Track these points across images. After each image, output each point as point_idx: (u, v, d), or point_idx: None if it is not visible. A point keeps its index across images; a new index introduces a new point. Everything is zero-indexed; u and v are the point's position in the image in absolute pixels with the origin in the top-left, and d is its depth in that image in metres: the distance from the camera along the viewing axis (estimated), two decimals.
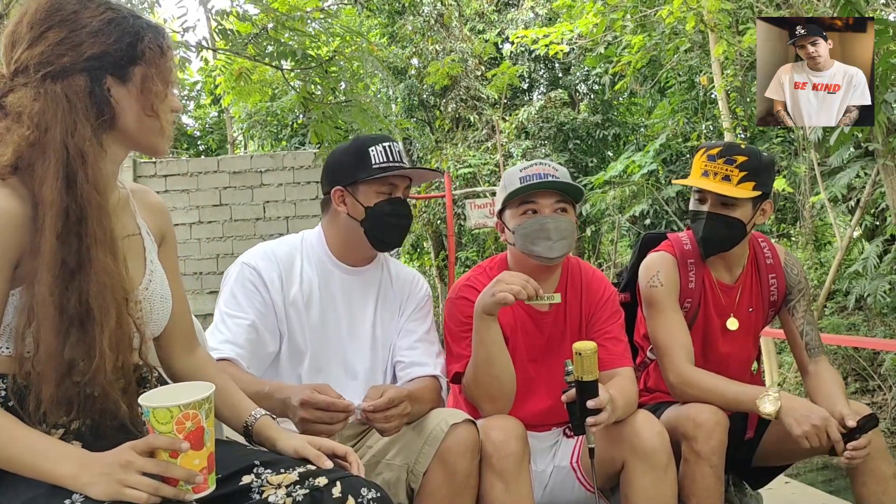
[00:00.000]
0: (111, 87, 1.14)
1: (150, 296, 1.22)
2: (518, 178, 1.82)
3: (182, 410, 1.05)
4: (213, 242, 6.76)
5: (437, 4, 12.01)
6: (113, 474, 1.02)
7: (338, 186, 1.76)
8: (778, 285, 2.01)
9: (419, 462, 1.57)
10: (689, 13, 6.98)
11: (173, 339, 1.34)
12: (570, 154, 11.99)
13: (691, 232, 2.00)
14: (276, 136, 13.06)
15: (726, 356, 1.98)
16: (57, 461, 1.04)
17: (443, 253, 11.58)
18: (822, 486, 3.95)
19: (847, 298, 7.69)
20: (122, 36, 1.14)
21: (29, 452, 1.05)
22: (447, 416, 1.60)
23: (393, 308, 1.84)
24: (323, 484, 1.16)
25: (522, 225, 1.81)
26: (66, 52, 1.10)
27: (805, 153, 8.29)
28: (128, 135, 1.17)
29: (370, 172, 1.72)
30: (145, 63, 1.15)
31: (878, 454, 1.78)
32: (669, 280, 1.93)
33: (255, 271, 1.73)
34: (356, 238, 1.77)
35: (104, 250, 1.09)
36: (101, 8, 1.14)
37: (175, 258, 1.37)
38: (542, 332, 1.88)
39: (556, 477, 1.86)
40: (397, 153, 1.75)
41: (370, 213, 1.73)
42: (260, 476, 1.17)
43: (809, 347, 1.99)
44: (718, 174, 1.86)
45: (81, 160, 1.09)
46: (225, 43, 4.60)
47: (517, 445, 1.61)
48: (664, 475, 1.66)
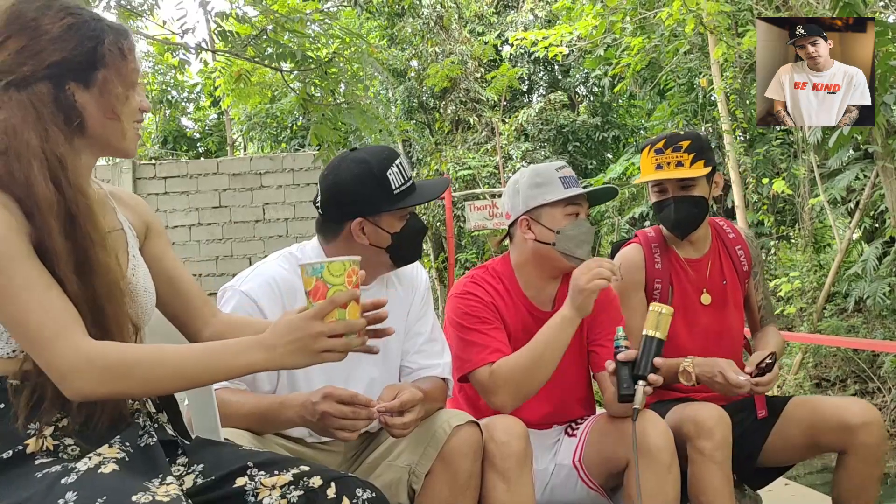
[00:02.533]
0: (75, 93, 1.13)
1: (134, 289, 1.23)
2: (557, 178, 1.83)
3: (352, 265, 1.14)
4: (213, 244, 6.75)
5: (436, 7, 12.02)
6: (307, 347, 1.10)
7: (358, 218, 1.64)
8: (745, 255, 2.13)
9: (421, 463, 1.56)
10: (689, 15, 6.98)
11: (194, 310, 1.36)
12: (569, 156, 11.99)
13: (657, 227, 2.12)
14: (276, 137, 13.06)
15: (709, 328, 2.05)
16: (239, 353, 1.10)
17: (442, 255, 11.58)
18: (821, 489, 3.94)
19: (846, 300, 7.69)
20: (82, 41, 1.13)
21: (206, 358, 1.10)
22: (450, 418, 1.59)
23: (401, 311, 1.78)
24: (317, 485, 1.16)
25: (570, 226, 1.82)
26: (26, 61, 1.10)
27: (804, 155, 8.30)
28: (95, 138, 1.17)
29: (395, 201, 1.63)
30: (105, 67, 1.14)
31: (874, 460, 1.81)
32: (630, 275, 2.00)
33: (256, 305, 1.61)
34: (375, 262, 1.68)
35: (101, 249, 1.11)
36: (61, 14, 1.13)
37: (168, 246, 1.37)
38: None
39: (558, 475, 1.86)
40: (407, 168, 1.69)
41: (396, 238, 1.66)
42: (254, 478, 1.16)
43: (764, 316, 2.18)
44: (671, 163, 1.98)
45: (61, 165, 1.10)
46: (224, 45, 4.60)
47: (520, 445, 1.61)
48: (667, 474, 1.66)
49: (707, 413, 1.76)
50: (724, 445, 1.73)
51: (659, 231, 2.11)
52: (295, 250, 1.75)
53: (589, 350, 1.91)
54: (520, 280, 1.90)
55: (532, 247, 1.87)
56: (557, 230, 1.82)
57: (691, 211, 2.02)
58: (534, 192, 1.86)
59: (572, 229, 1.81)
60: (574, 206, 1.84)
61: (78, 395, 1.06)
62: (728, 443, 1.75)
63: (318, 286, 1.13)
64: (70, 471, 1.06)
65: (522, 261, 1.90)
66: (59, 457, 1.09)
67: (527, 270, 1.89)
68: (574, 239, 1.81)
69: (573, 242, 1.81)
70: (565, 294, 1.89)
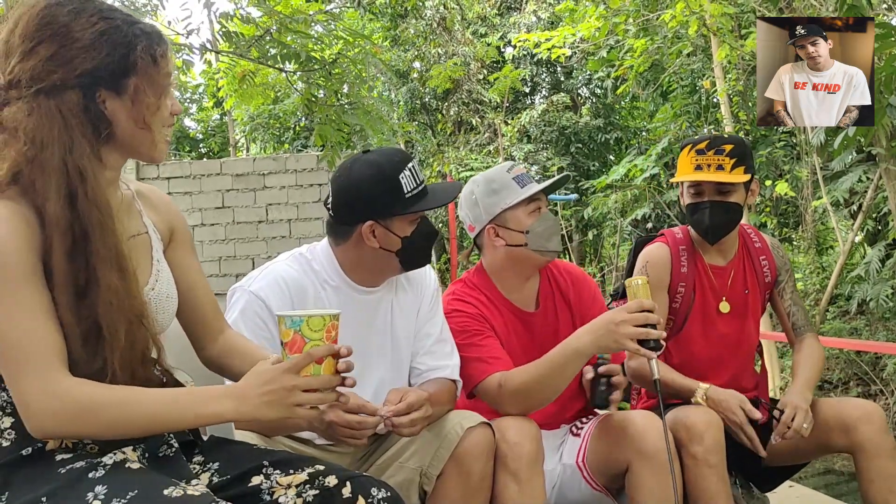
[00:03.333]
0: (106, 101, 1.12)
1: (157, 296, 1.22)
2: (511, 179, 1.83)
3: (331, 320, 1.13)
4: (216, 245, 6.77)
5: (439, 8, 12.03)
6: (280, 400, 1.07)
7: (369, 221, 1.63)
8: (770, 266, 2.11)
9: (433, 465, 1.56)
10: (692, 17, 6.98)
11: (204, 325, 1.35)
12: (572, 158, 11.99)
13: (685, 227, 2.10)
14: (279, 138, 13.08)
15: (725, 336, 2.04)
16: (209, 402, 1.08)
17: (444, 256, 11.58)
18: (825, 491, 3.94)
19: (849, 303, 7.68)
20: (114, 48, 1.10)
21: (176, 406, 1.07)
22: (462, 419, 1.59)
23: (411, 313, 1.79)
24: (333, 484, 1.17)
25: (537, 223, 1.82)
26: (57, 69, 1.08)
27: (807, 157, 8.29)
28: (124, 145, 1.16)
29: (406, 205, 1.62)
30: (137, 74, 1.12)
31: (885, 453, 1.78)
32: (656, 275, 2.00)
33: (265, 304, 1.60)
34: (384, 265, 1.68)
35: (110, 268, 1.08)
36: (94, 19, 1.11)
37: (191, 251, 1.36)
38: (533, 333, 1.89)
39: (564, 475, 1.86)
40: (419, 172, 1.68)
41: (407, 242, 1.65)
42: (269, 477, 1.17)
43: (796, 327, 2.11)
44: (711, 165, 1.95)
45: (81, 178, 1.07)
46: (228, 45, 4.61)
47: (532, 446, 1.62)
48: (668, 475, 1.64)
49: (698, 417, 1.76)
50: (716, 449, 1.73)
51: (687, 233, 2.10)
52: (305, 251, 1.74)
53: None
54: (499, 286, 1.91)
55: (504, 252, 1.88)
56: (526, 230, 1.83)
57: (726, 217, 2.00)
58: (493, 200, 1.86)
59: (539, 226, 1.82)
60: (535, 203, 1.84)
61: (39, 433, 1.04)
62: (720, 446, 1.75)
63: (296, 339, 1.11)
64: (96, 465, 1.06)
65: (497, 267, 1.90)
66: (80, 454, 1.09)
67: (503, 275, 1.90)
68: (543, 234, 1.82)
69: (544, 237, 1.82)
70: (546, 291, 1.93)
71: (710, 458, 1.72)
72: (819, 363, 2.04)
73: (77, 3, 1.11)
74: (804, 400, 1.88)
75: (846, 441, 1.84)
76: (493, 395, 1.73)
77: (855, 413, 1.83)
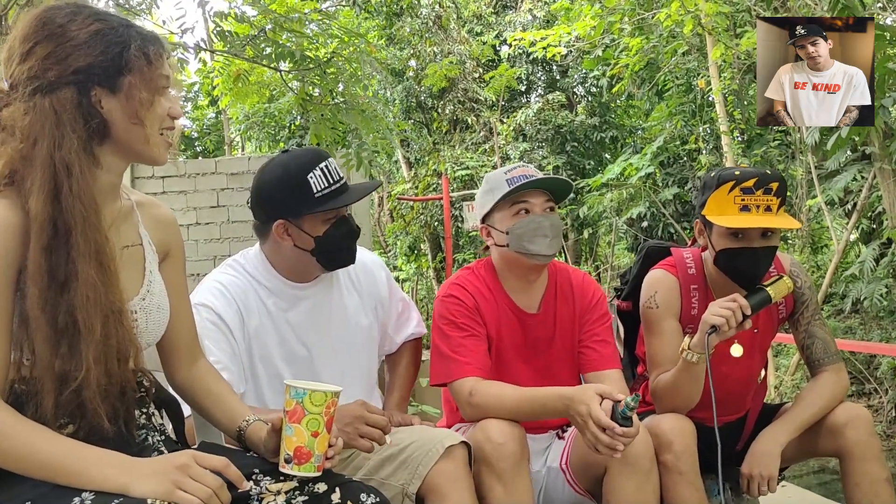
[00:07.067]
0: (102, 99, 1.13)
1: (147, 306, 1.22)
2: (505, 180, 1.82)
3: (332, 397, 1.18)
4: (211, 244, 6.74)
5: (435, 6, 12.02)
6: (167, 475, 1.03)
7: (279, 220, 1.66)
8: (786, 301, 1.93)
9: (412, 483, 1.55)
10: (687, 16, 6.99)
11: (177, 350, 1.34)
12: (567, 156, 12.01)
13: (696, 251, 1.95)
14: (274, 137, 13.05)
15: (732, 376, 1.92)
16: (91, 464, 1.04)
17: (440, 255, 11.58)
18: (818, 490, 3.95)
19: (843, 302, 7.71)
20: (108, 47, 1.13)
21: (66, 458, 1.04)
22: (443, 438, 1.59)
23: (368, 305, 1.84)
24: (322, 490, 1.17)
25: (517, 224, 1.80)
26: (52, 66, 1.10)
27: (802, 156, 8.31)
28: (120, 144, 1.17)
29: (314, 205, 1.63)
30: (131, 72, 1.14)
31: (872, 456, 1.77)
32: (666, 302, 1.89)
33: (212, 310, 1.63)
34: (306, 263, 1.70)
35: (90, 263, 1.08)
36: (90, 20, 1.14)
37: (182, 273, 1.36)
38: (529, 333, 1.88)
39: (549, 478, 1.86)
40: (335, 171, 1.67)
41: (320, 241, 1.66)
42: (259, 483, 1.17)
43: (811, 360, 1.93)
44: (760, 206, 1.76)
45: (67, 172, 1.08)
46: (223, 45, 4.59)
47: (516, 447, 1.61)
48: (646, 480, 1.65)
49: (668, 425, 1.73)
50: (686, 455, 1.70)
51: (701, 270, 1.91)
52: (238, 257, 1.78)
53: (578, 351, 1.90)
54: (503, 284, 1.90)
55: (497, 252, 1.88)
56: (507, 230, 1.81)
57: (767, 263, 1.81)
58: (486, 199, 1.86)
59: (519, 227, 1.80)
60: (520, 204, 1.81)
61: None
62: (691, 451, 1.72)
63: (297, 409, 1.16)
64: None
65: (498, 266, 1.91)
66: None
67: (505, 274, 1.90)
68: (524, 236, 1.79)
69: (524, 239, 1.79)
70: (552, 295, 1.90)
71: (681, 465, 1.69)
72: (823, 405, 1.83)
73: (74, 7, 1.15)
74: (773, 450, 1.80)
75: (833, 445, 1.81)
76: (462, 399, 1.74)
77: (842, 417, 1.80)
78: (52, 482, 1.04)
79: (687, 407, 1.80)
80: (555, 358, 1.88)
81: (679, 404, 1.80)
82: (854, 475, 1.77)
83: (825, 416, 1.83)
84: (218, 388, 1.36)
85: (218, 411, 1.34)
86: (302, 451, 1.15)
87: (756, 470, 1.81)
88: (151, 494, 1.02)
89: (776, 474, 1.81)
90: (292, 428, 1.16)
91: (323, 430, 1.17)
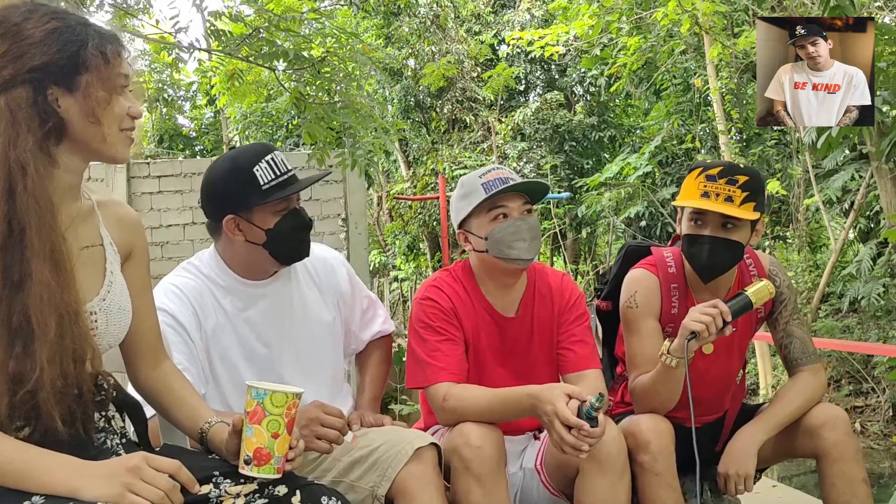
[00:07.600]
0: (58, 97, 1.12)
1: (108, 307, 1.21)
2: (481, 185, 1.80)
3: (294, 398, 1.17)
4: (206, 244, 6.69)
5: (433, 6, 12.01)
6: (118, 477, 1.02)
7: (229, 215, 1.66)
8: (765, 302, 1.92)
9: (381, 486, 1.54)
10: (684, 15, 6.99)
11: (139, 352, 1.33)
12: (565, 156, 12.00)
13: (676, 250, 1.94)
14: (272, 136, 13.03)
15: (706, 374, 1.91)
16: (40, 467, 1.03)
17: (438, 254, 11.57)
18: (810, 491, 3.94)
19: (841, 301, 7.72)
20: (65, 45, 1.12)
21: (8, 459, 1.03)
22: (413, 439, 1.57)
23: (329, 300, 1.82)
24: (283, 493, 1.16)
25: (496, 230, 1.79)
26: (7, 65, 1.10)
27: (799, 156, 8.32)
28: (78, 143, 1.16)
29: (262, 196, 1.63)
30: (88, 70, 1.13)
31: (849, 457, 1.76)
32: (646, 302, 1.89)
33: (170, 315, 1.63)
34: (260, 259, 1.69)
35: (45, 263, 1.08)
36: (46, 18, 1.13)
37: (145, 273, 1.34)
38: (506, 336, 1.87)
39: (524, 479, 1.86)
40: (282, 163, 1.67)
41: (271, 234, 1.66)
42: (219, 486, 1.16)
43: (789, 360, 1.94)
44: (721, 195, 1.77)
45: (22, 171, 1.07)
46: (218, 44, 4.56)
47: (494, 450, 1.61)
48: (619, 480, 1.64)
49: (645, 425, 1.72)
50: (662, 456, 1.70)
51: (681, 267, 1.92)
52: (193, 259, 1.78)
53: (557, 352, 1.89)
54: (481, 287, 1.89)
55: (474, 256, 1.88)
56: (485, 236, 1.80)
57: (724, 257, 1.82)
58: (461, 205, 1.85)
59: (499, 232, 1.78)
60: (498, 209, 1.80)
61: None
62: (668, 452, 1.71)
63: (257, 411, 1.16)
64: None
65: (477, 270, 1.90)
66: None
67: (483, 278, 1.89)
68: (503, 241, 1.78)
69: (504, 244, 1.78)
70: (530, 298, 1.89)
71: (657, 465, 1.68)
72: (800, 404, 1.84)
73: (30, 5, 1.14)
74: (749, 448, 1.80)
75: (811, 446, 1.80)
76: (437, 404, 1.74)
77: (820, 418, 1.79)
78: (1, 486, 1.03)
79: (666, 408, 1.80)
80: (533, 360, 1.87)
81: (658, 405, 1.80)
82: (831, 475, 1.77)
83: (802, 417, 1.83)
84: (181, 390, 1.35)
85: (180, 413, 1.33)
86: (262, 453, 1.15)
87: (733, 469, 1.80)
88: (102, 497, 1.01)
89: (752, 473, 1.81)
90: (252, 429, 1.16)
91: (283, 431, 1.16)
